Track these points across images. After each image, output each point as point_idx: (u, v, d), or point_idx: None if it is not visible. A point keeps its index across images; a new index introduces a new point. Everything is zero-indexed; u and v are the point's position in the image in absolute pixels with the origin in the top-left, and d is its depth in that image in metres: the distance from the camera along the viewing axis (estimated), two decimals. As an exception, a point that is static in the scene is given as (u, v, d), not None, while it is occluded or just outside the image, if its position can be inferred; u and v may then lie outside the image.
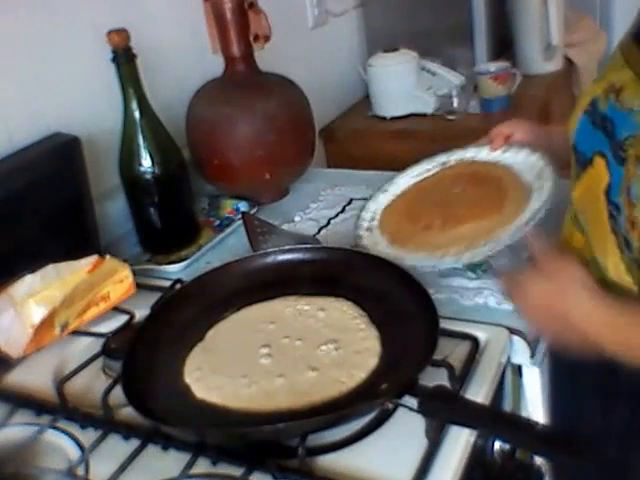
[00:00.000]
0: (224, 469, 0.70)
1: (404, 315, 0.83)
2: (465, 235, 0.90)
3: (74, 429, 0.78)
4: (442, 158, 1.06)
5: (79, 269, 0.91)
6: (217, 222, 1.23)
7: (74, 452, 0.74)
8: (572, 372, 0.87)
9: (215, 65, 1.23)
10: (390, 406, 0.74)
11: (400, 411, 0.74)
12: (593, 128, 0.74)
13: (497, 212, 0.91)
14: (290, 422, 0.69)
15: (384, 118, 1.81)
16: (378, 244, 0.96)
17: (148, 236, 1.16)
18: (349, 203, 1.26)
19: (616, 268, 0.73)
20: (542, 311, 0.73)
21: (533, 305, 0.74)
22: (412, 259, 0.89)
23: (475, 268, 0.99)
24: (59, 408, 0.80)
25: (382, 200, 1.05)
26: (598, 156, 0.72)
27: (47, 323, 0.88)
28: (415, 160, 1.09)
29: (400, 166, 1.10)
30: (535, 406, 0.92)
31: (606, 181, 0.70)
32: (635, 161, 0.65)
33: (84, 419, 0.78)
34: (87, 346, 0.91)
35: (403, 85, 1.74)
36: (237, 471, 0.69)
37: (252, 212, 1.23)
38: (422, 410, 0.68)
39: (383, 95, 1.79)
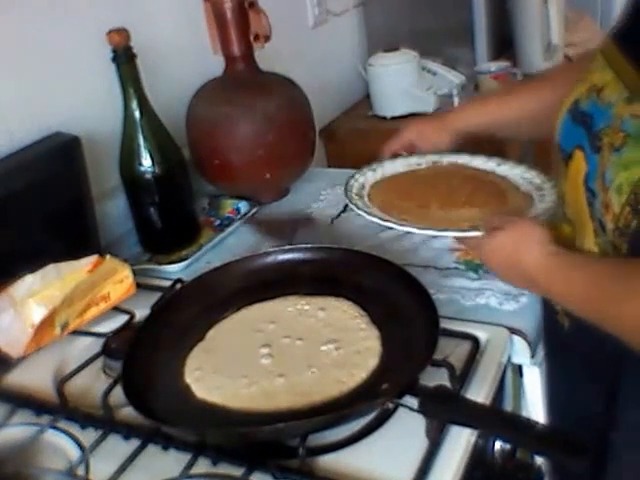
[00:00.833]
0: (224, 469, 0.70)
1: (404, 315, 0.83)
2: (468, 217, 0.84)
3: (74, 429, 0.78)
4: (434, 157, 1.01)
5: (79, 269, 0.91)
6: (217, 222, 1.23)
7: (74, 452, 0.74)
8: (571, 371, 0.86)
9: (215, 65, 1.23)
10: (390, 406, 0.74)
11: (400, 411, 0.73)
12: (573, 125, 0.76)
13: (501, 205, 0.86)
14: (290, 422, 0.69)
15: (384, 118, 1.80)
16: (371, 209, 0.87)
17: (148, 236, 1.16)
18: (349, 203, 1.26)
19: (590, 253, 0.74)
20: (499, 259, 0.75)
21: (491, 254, 0.76)
22: (411, 226, 0.82)
23: (476, 268, 0.99)
24: (59, 408, 0.80)
25: (370, 176, 0.98)
26: (578, 149, 0.74)
27: (47, 323, 0.88)
28: None
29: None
30: (535, 406, 0.92)
31: (584, 171, 0.72)
32: (610, 148, 0.67)
33: (84, 419, 0.78)
34: (87, 346, 0.91)
35: (403, 85, 1.74)
36: (237, 471, 0.69)
37: (252, 212, 1.23)
38: (423, 410, 0.68)
39: (383, 95, 1.79)
